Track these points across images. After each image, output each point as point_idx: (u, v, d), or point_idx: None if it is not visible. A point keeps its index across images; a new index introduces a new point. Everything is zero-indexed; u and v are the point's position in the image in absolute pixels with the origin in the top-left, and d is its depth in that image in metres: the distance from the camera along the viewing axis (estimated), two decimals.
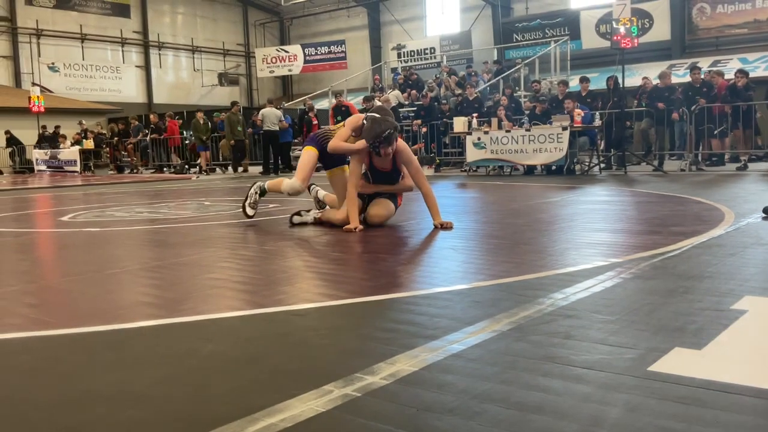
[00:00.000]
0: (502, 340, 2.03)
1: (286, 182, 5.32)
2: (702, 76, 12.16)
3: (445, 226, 4.72)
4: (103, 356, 2.04)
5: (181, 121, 19.37)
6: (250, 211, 5.50)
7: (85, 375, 1.86)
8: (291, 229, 4.97)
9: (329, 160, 5.32)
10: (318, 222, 5.17)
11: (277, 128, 15.42)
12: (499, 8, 25.24)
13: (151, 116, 19.36)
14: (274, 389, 1.67)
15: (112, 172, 19.48)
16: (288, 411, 1.52)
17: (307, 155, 5.31)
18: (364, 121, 4.87)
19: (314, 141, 5.33)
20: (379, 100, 15.98)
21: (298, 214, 5.26)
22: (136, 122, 20.09)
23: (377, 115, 4.81)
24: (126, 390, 1.72)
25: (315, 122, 15.67)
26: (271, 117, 15.44)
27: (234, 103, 17.04)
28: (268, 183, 5.52)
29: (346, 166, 5.31)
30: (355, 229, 4.69)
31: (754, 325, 2.14)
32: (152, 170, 18.62)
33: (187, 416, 1.54)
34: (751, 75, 12.88)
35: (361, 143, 4.87)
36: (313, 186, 5.68)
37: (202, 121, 16.99)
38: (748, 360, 1.81)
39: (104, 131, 21.21)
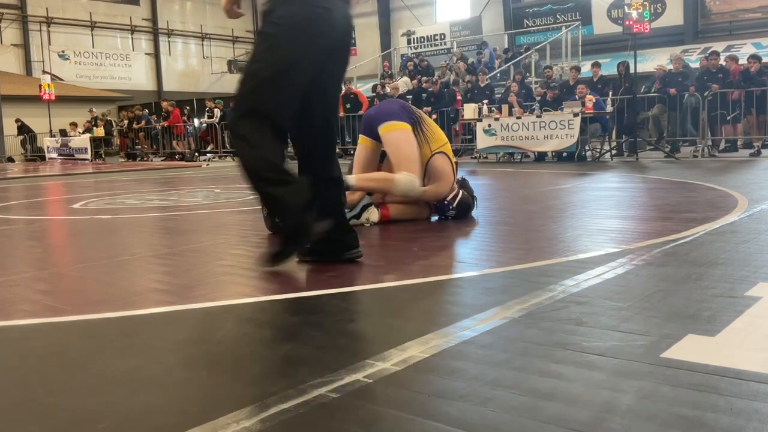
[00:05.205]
0: (513, 327, 2.02)
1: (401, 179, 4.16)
2: (721, 62, 12.04)
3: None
4: (115, 342, 2.04)
5: (188, 108, 19.34)
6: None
7: (97, 361, 1.87)
8: None
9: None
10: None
11: None
12: None
13: (163, 103, 19.41)
14: (286, 375, 1.67)
15: (122, 159, 19.56)
16: (299, 397, 1.52)
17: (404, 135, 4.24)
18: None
19: (407, 115, 4.28)
20: (389, 87, 15.94)
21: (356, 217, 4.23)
22: (141, 111, 20.12)
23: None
24: (138, 376, 1.73)
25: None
26: None
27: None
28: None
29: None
30: None
31: None
32: (162, 158, 18.69)
33: (199, 402, 1.55)
34: (765, 60, 12.74)
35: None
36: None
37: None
38: (762, 347, 1.79)
39: (123, 120, 21.27)
